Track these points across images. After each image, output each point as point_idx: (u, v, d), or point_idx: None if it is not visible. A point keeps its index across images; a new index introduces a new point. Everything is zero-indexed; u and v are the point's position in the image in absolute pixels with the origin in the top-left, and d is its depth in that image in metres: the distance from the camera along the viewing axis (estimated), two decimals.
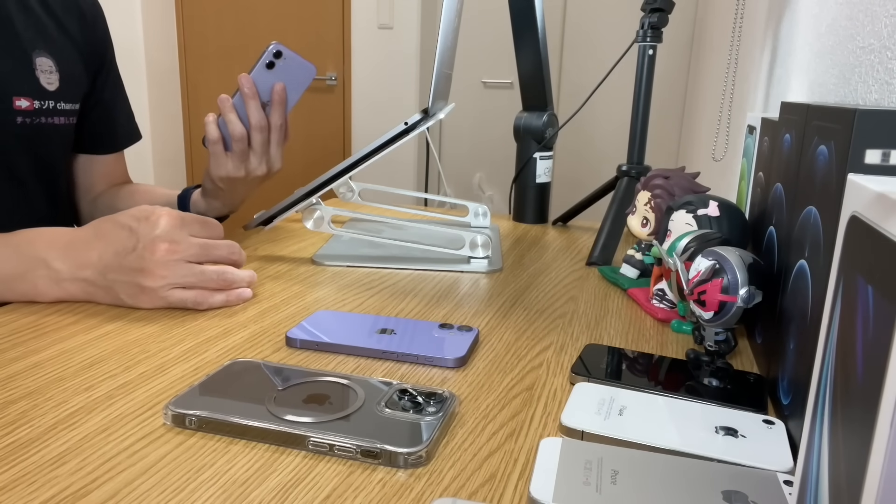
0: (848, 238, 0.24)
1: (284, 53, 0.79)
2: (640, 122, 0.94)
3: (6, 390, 0.46)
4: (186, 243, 0.62)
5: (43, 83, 0.82)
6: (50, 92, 0.83)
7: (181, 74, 3.49)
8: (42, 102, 0.82)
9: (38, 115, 0.82)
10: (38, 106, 0.81)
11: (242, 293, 0.65)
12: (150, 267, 0.61)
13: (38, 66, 0.82)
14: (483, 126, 3.20)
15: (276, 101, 0.80)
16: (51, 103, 0.83)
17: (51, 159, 0.87)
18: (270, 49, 0.79)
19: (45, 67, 0.82)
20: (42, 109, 0.82)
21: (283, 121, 0.82)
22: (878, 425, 0.19)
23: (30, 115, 0.81)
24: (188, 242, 0.62)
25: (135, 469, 0.38)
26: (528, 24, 1.02)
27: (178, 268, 0.62)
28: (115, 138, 0.99)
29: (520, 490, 0.37)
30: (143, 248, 0.61)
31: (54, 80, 0.83)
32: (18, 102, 0.79)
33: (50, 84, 0.83)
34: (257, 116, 0.80)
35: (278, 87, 0.80)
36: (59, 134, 0.86)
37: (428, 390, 0.45)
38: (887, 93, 0.51)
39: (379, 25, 3.12)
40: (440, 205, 2.21)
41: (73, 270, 0.62)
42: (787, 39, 0.94)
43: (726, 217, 0.62)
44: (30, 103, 0.80)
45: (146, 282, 0.61)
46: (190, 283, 0.62)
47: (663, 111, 2.91)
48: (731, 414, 0.44)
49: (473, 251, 0.82)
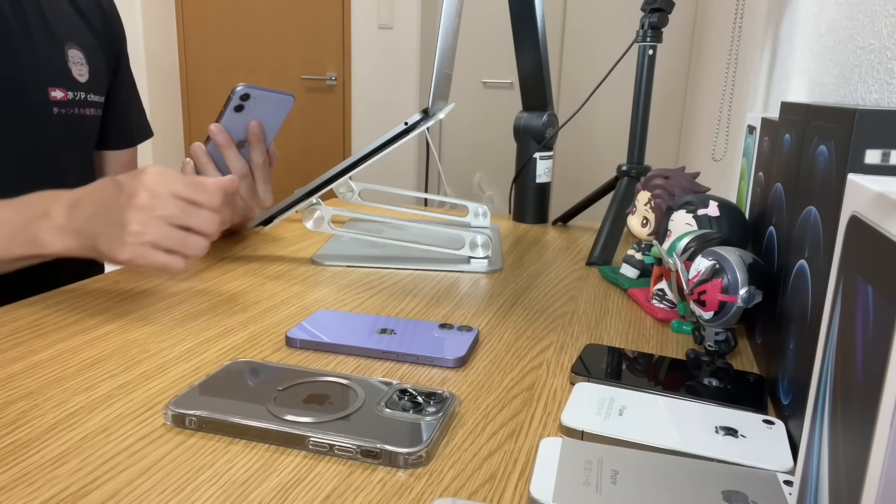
0: (848, 238, 0.24)
1: (252, 94, 0.74)
2: (640, 122, 0.94)
3: (6, 390, 0.46)
4: (166, 200, 0.61)
5: (75, 74, 0.82)
6: (81, 83, 0.83)
7: (181, 74, 3.49)
8: (75, 94, 0.82)
9: (72, 106, 0.82)
10: (71, 97, 0.82)
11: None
12: (128, 216, 0.59)
13: (71, 58, 0.82)
14: (483, 126, 3.20)
15: (254, 141, 0.77)
16: (82, 94, 0.83)
17: (84, 150, 0.87)
18: (238, 92, 0.74)
19: (77, 59, 0.83)
20: (75, 100, 0.82)
21: (265, 157, 0.79)
22: (878, 425, 0.19)
23: (65, 106, 0.81)
24: (168, 200, 0.61)
25: (135, 469, 0.38)
26: (528, 24, 1.02)
27: (157, 225, 0.60)
28: (131, 134, 0.99)
29: (520, 490, 0.37)
30: (126, 198, 0.60)
31: (84, 72, 0.84)
32: (54, 93, 0.80)
33: (81, 76, 0.83)
34: (238, 165, 0.77)
35: (253, 127, 0.76)
36: (90, 125, 0.87)
37: (428, 390, 0.45)
38: (887, 93, 0.51)
39: (379, 25, 3.12)
40: (440, 205, 2.21)
41: (69, 221, 0.62)
42: (787, 39, 0.94)
43: (726, 217, 0.62)
44: (64, 94, 0.81)
45: (123, 233, 0.59)
46: (169, 246, 0.61)
47: (663, 111, 2.91)
48: (731, 414, 0.44)
49: (473, 251, 0.82)
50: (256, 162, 0.78)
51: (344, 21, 3.18)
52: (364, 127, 3.24)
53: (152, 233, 0.60)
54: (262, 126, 0.77)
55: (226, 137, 0.76)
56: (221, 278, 0.73)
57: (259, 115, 0.76)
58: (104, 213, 0.61)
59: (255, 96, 0.75)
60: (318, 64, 3.28)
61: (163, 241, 0.60)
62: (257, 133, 0.77)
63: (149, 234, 0.60)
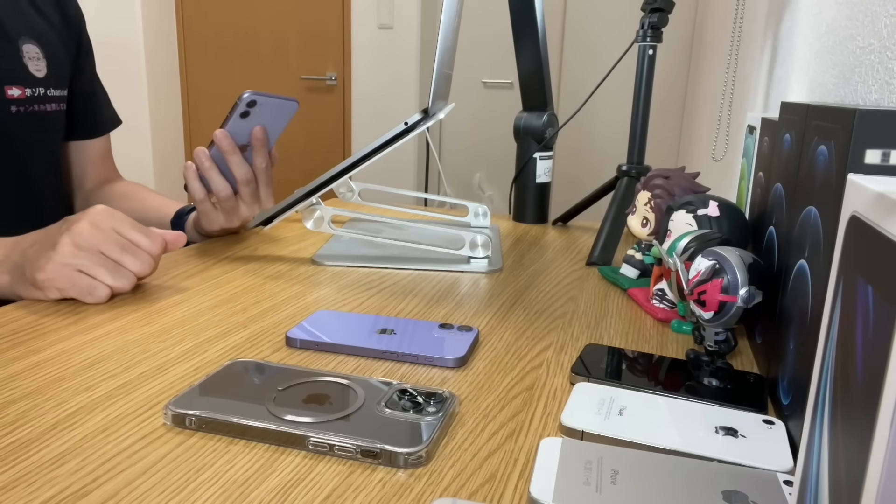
0: (848, 238, 0.24)
1: (259, 101, 0.75)
2: (640, 122, 0.94)
3: (6, 390, 0.46)
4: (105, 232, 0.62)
5: (31, 70, 0.81)
6: (39, 79, 0.81)
7: (181, 74, 3.49)
8: (33, 90, 0.81)
9: (31, 104, 0.81)
10: (29, 94, 0.80)
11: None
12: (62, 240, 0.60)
13: (26, 54, 0.80)
14: (483, 126, 3.20)
15: (258, 145, 0.77)
16: (41, 90, 0.82)
17: (50, 149, 0.86)
18: (244, 99, 0.74)
19: (32, 54, 0.81)
20: (33, 97, 0.81)
21: (267, 161, 0.79)
22: (878, 425, 0.19)
23: (23, 104, 0.80)
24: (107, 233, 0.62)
25: (135, 469, 0.38)
26: (528, 24, 1.02)
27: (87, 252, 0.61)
28: (100, 121, 0.97)
29: (520, 490, 0.37)
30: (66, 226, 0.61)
31: (42, 66, 0.82)
32: (10, 91, 0.78)
33: (38, 71, 0.81)
34: (242, 171, 0.77)
35: (258, 132, 0.76)
36: (53, 121, 0.85)
37: (428, 390, 0.45)
38: (887, 93, 0.51)
39: (379, 25, 3.12)
40: (440, 205, 2.21)
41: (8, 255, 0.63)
42: (787, 39, 0.94)
43: (726, 217, 0.62)
44: (21, 91, 0.79)
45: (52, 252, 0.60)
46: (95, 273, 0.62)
47: (663, 111, 2.91)
48: (731, 414, 0.44)
49: (473, 251, 0.82)
50: (259, 166, 0.79)
51: (344, 21, 3.18)
52: (364, 127, 3.24)
53: (82, 256, 0.61)
54: (265, 131, 0.77)
55: (231, 143, 0.76)
56: (221, 278, 0.73)
57: (263, 121, 0.77)
58: (43, 241, 0.62)
59: (262, 103, 0.75)
60: (318, 64, 3.28)
61: (89, 266, 0.61)
62: (261, 138, 0.77)
63: (77, 258, 0.61)
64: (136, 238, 0.64)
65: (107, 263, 0.62)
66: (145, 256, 0.64)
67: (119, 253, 0.63)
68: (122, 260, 0.63)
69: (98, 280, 0.62)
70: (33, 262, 0.61)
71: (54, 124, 0.86)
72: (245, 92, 0.74)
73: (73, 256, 0.61)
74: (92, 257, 0.61)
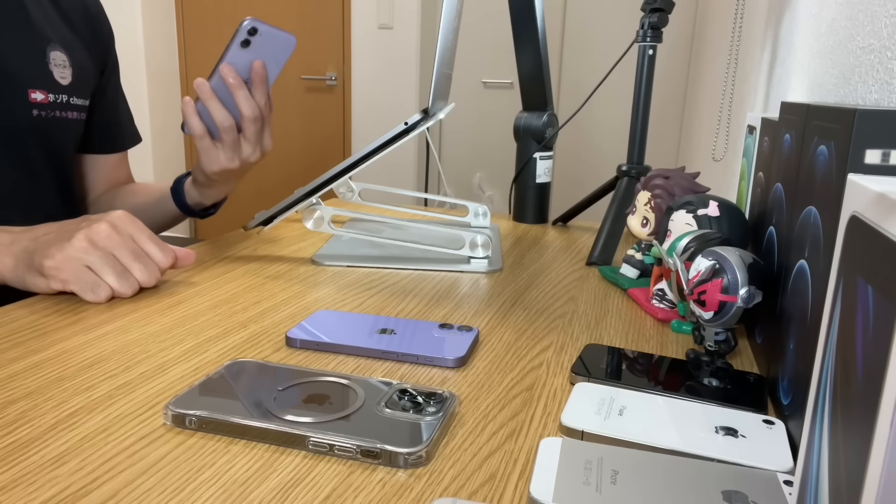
0: (848, 238, 0.24)
1: (260, 29, 0.71)
2: (640, 122, 0.94)
3: (6, 390, 0.46)
4: (123, 236, 0.63)
5: (57, 77, 0.82)
6: (63, 86, 0.82)
7: (181, 74, 3.49)
8: (56, 96, 0.82)
9: (53, 109, 0.82)
10: (52, 99, 0.81)
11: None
12: (78, 235, 0.61)
13: (52, 60, 0.81)
14: (483, 126, 3.20)
15: (257, 80, 0.74)
16: (64, 97, 0.83)
17: (63, 154, 0.86)
18: (245, 26, 0.71)
19: (59, 62, 0.82)
20: (56, 103, 0.82)
21: (268, 98, 0.77)
22: (878, 425, 0.19)
23: (45, 109, 0.80)
24: (125, 238, 0.63)
25: (135, 469, 0.38)
26: (528, 25, 1.02)
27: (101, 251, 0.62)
28: (121, 138, 0.98)
29: (520, 490, 0.37)
30: (86, 223, 0.62)
31: (67, 74, 0.83)
32: (34, 95, 0.79)
33: (63, 78, 0.82)
34: (249, 107, 0.74)
35: (258, 66, 0.73)
36: (71, 129, 0.86)
37: (428, 390, 0.45)
38: (887, 93, 0.51)
39: (379, 25, 3.12)
40: (440, 205, 2.21)
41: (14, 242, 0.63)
42: (787, 39, 0.94)
43: (726, 217, 0.62)
44: (44, 96, 0.80)
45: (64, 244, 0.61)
46: (102, 274, 0.62)
47: (663, 111, 2.91)
48: (731, 414, 0.44)
49: (473, 251, 0.82)
50: (261, 103, 0.76)
51: (344, 21, 3.19)
52: (364, 127, 3.24)
53: (94, 254, 0.62)
54: (265, 66, 0.74)
55: (237, 77, 0.73)
56: (221, 278, 0.73)
57: (263, 55, 0.74)
58: (58, 231, 0.63)
59: (262, 32, 0.72)
60: (318, 64, 3.28)
61: (98, 265, 0.62)
62: (261, 73, 0.74)
63: (89, 254, 0.62)
64: (149, 249, 0.65)
65: (116, 266, 0.63)
66: (154, 268, 0.66)
67: (130, 259, 0.64)
68: (132, 267, 0.64)
69: (103, 280, 0.62)
70: (44, 249, 0.62)
71: (73, 133, 0.87)
72: (245, 19, 0.72)
73: (85, 252, 0.61)
74: (103, 257, 0.62)
